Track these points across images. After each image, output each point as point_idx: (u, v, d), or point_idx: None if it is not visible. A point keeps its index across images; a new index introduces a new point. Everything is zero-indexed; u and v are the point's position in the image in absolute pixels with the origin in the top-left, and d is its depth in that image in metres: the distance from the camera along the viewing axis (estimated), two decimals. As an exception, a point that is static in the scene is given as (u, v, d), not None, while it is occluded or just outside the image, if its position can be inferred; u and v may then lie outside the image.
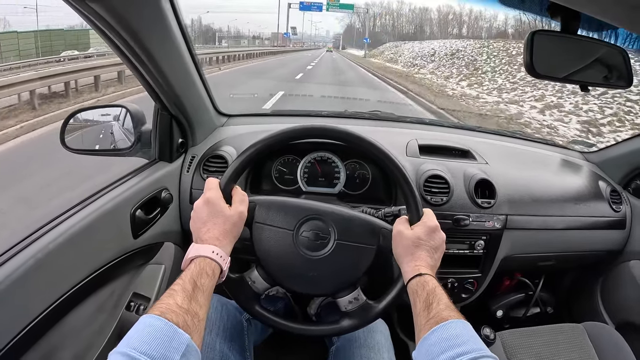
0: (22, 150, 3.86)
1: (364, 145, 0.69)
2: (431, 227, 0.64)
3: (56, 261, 0.63)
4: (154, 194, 0.87)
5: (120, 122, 0.94)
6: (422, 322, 0.53)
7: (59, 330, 0.66)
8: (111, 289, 0.80)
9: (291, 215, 0.69)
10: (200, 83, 0.93)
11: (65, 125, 0.87)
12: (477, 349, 0.47)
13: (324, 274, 0.67)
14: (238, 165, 0.67)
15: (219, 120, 1.14)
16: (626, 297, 1.12)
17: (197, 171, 0.97)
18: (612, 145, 1.25)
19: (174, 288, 0.51)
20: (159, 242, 0.92)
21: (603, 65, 0.68)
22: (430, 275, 0.59)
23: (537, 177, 1.10)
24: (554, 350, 0.91)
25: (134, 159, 0.91)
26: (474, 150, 1.11)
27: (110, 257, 0.75)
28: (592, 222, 1.07)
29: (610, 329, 1.02)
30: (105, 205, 0.74)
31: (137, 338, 0.43)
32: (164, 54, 0.73)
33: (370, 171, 1.05)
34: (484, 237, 0.98)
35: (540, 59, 0.62)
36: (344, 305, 0.68)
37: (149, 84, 0.78)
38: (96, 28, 0.62)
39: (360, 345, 0.78)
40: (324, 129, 0.71)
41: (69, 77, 5.65)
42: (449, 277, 0.99)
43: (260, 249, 0.68)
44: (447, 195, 0.95)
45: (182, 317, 0.47)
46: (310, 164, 1.05)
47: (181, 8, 0.72)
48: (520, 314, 1.26)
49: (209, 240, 0.59)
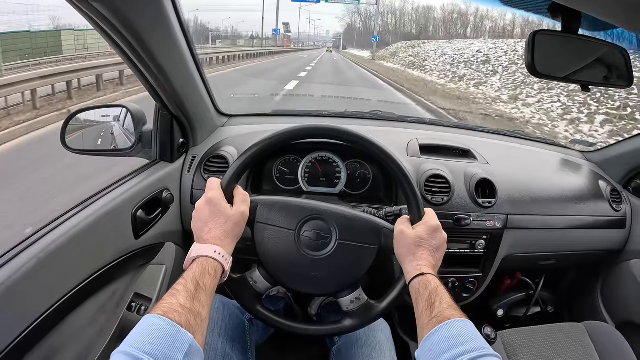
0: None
1: (366, 145, 0.69)
2: (433, 226, 0.64)
3: (58, 262, 0.63)
4: (155, 194, 0.87)
5: (121, 122, 0.94)
6: (425, 322, 0.54)
7: (60, 331, 0.66)
8: (112, 290, 0.80)
9: (293, 215, 0.69)
10: (201, 83, 0.93)
11: (65, 126, 0.86)
12: (480, 348, 0.47)
13: (326, 273, 0.68)
14: (240, 165, 0.67)
15: (220, 120, 1.14)
16: (626, 296, 1.12)
17: (198, 171, 0.97)
18: (612, 145, 1.25)
19: (176, 288, 0.51)
20: (160, 242, 0.92)
21: (604, 65, 0.69)
22: (432, 274, 0.59)
23: (537, 177, 1.10)
24: (554, 350, 0.91)
25: (135, 159, 0.91)
26: (474, 150, 1.11)
27: (111, 257, 0.75)
28: (593, 222, 1.07)
29: (610, 328, 1.02)
30: (107, 206, 0.74)
31: (139, 338, 0.43)
32: (166, 53, 0.73)
33: (371, 171, 1.05)
34: (485, 236, 0.98)
35: (541, 59, 0.62)
36: (345, 305, 0.68)
37: (150, 84, 0.78)
38: (98, 27, 0.62)
39: (362, 344, 0.78)
40: (325, 128, 0.71)
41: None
42: (450, 277, 0.99)
43: (261, 249, 0.68)
44: (448, 194, 0.95)
45: (185, 316, 0.47)
46: (311, 164, 1.05)
47: (183, 8, 0.72)
48: (521, 313, 1.26)
49: (210, 240, 0.59)
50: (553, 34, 0.62)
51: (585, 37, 0.63)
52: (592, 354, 0.91)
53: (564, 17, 0.60)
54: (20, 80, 4.80)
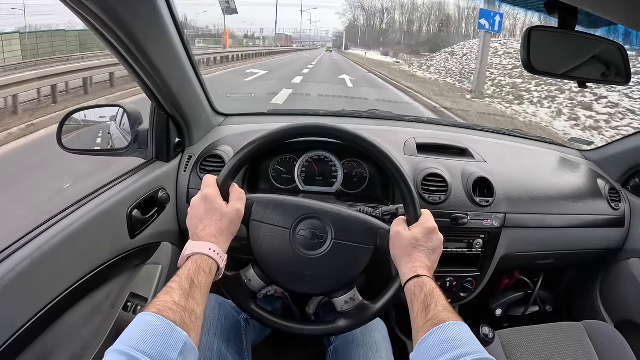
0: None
1: (363, 144, 0.69)
2: (429, 228, 0.64)
3: (52, 261, 0.63)
4: (151, 193, 0.86)
5: (117, 122, 0.94)
6: (420, 324, 0.53)
7: (55, 331, 0.66)
8: (108, 289, 0.79)
9: (288, 213, 0.68)
10: (197, 82, 0.93)
11: (62, 126, 0.86)
12: (476, 352, 0.47)
13: (320, 273, 0.67)
14: (236, 162, 0.67)
15: (216, 119, 1.13)
16: (625, 295, 1.11)
17: (194, 171, 0.97)
18: (610, 144, 1.25)
19: (171, 286, 0.51)
20: (156, 242, 0.91)
21: (601, 61, 0.68)
22: (428, 276, 0.59)
23: (535, 176, 1.10)
24: (553, 349, 0.91)
25: (132, 158, 0.91)
26: (472, 149, 1.11)
27: (106, 257, 0.74)
28: (591, 220, 1.07)
29: (609, 327, 1.01)
30: (102, 205, 0.74)
31: (134, 336, 0.43)
32: (160, 52, 0.73)
33: (368, 170, 1.05)
34: (483, 235, 0.98)
35: (537, 56, 0.62)
36: (340, 305, 0.68)
37: (145, 83, 0.78)
38: (91, 27, 0.61)
39: (359, 344, 0.78)
40: (322, 127, 0.70)
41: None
42: (448, 276, 0.99)
43: (256, 247, 0.67)
44: (445, 193, 0.95)
45: (180, 314, 0.47)
46: (308, 163, 1.05)
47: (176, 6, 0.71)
48: (519, 312, 1.25)
49: (205, 237, 0.59)
50: (549, 31, 0.61)
51: (582, 34, 0.62)
52: (591, 353, 0.91)
53: (561, 13, 0.60)
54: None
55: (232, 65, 12.65)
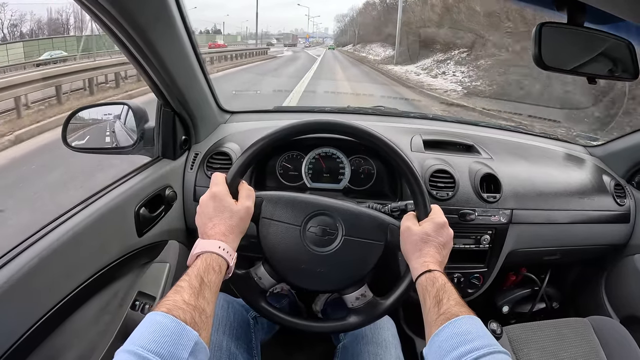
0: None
1: (373, 140, 0.68)
2: (439, 223, 0.64)
3: (61, 260, 0.62)
4: (158, 191, 0.86)
5: (123, 120, 0.93)
6: (433, 319, 0.53)
7: (63, 331, 0.65)
8: (116, 288, 0.79)
9: (298, 210, 0.68)
10: (203, 79, 0.92)
11: (67, 124, 0.86)
12: (489, 345, 0.47)
13: (331, 270, 0.67)
14: (245, 159, 0.66)
15: (222, 117, 1.13)
16: (631, 291, 1.12)
17: (201, 168, 0.97)
18: (615, 139, 1.25)
19: (180, 284, 0.50)
20: (164, 240, 0.91)
21: (609, 57, 0.68)
22: (439, 271, 0.59)
23: (541, 172, 1.10)
24: (559, 344, 0.91)
25: (138, 156, 0.90)
26: (478, 145, 1.11)
27: (114, 255, 0.74)
28: (597, 216, 1.07)
29: (615, 322, 1.02)
30: (109, 204, 0.73)
31: (144, 336, 0.42)
32: (168, 49, 0.73)
33: (375, 166, 1.05)
34: (490, 231, 0.98)
35: (548, 51, 0.61)
36: (351, 301, 0.68)
37: (153, 80, 0.78)
38: (101, 22, 0.61)
39: (368, 342, 0.78)
40: (331, 123, 0.70)
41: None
42: (455, 272, 0.99)
43: (266, 245, 0.67)
44: (453, 190, 0.95)
45: (190, 313, 0.46)
46: (315, 160, 1.04)
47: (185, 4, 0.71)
48: (526, 309, 1.25)
49: (215, 235, 0.58)
50: (559, 27, 0.61)
51: (590, 30, 0.62)
52: (597, 348, 0.91)
53: (569, 9, 0.60)
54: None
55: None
